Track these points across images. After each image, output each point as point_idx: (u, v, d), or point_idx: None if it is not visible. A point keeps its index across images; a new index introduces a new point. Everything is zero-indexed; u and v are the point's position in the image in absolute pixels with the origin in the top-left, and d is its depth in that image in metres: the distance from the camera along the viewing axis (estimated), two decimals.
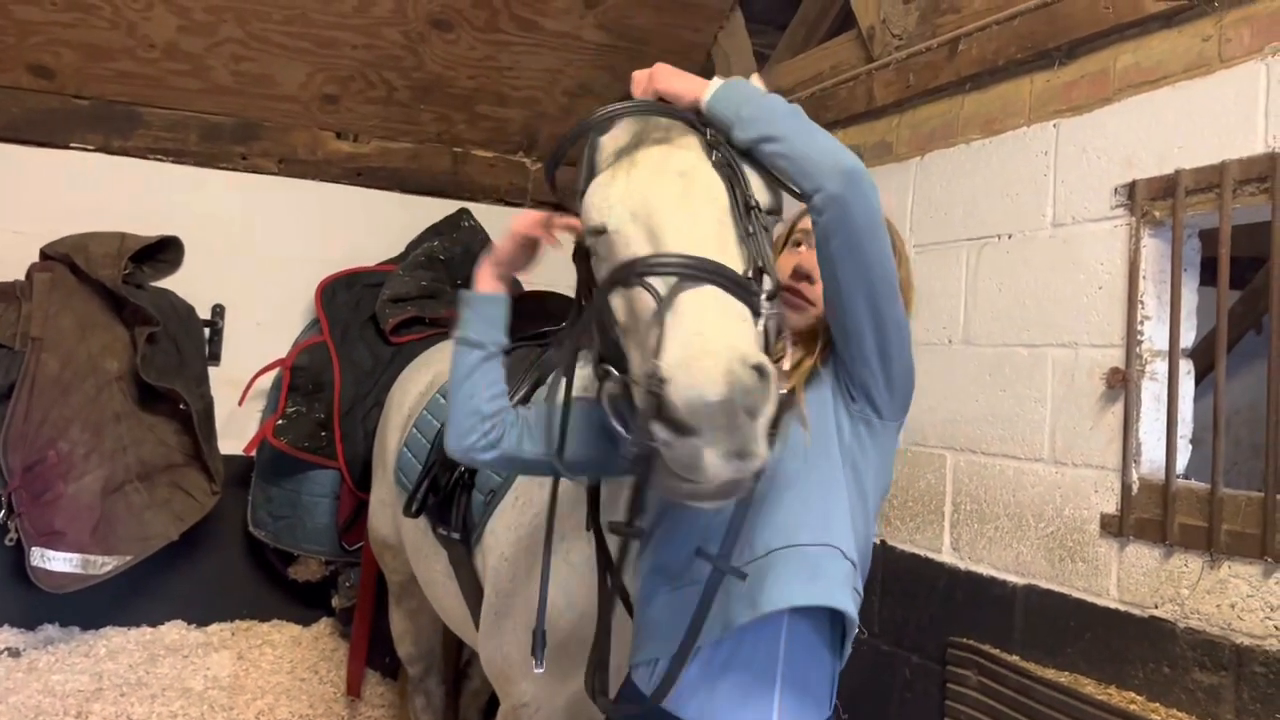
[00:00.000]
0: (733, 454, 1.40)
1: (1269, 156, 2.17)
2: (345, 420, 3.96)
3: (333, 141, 4.47)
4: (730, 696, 1.68)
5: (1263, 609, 2.11)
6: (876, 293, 1.64)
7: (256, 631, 4.16)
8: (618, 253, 1.61)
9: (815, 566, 1.66)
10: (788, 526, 1.68)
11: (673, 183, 1.63)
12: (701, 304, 1.47)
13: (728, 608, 1.66)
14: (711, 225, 1.60)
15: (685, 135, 1.70)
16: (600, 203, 1.66)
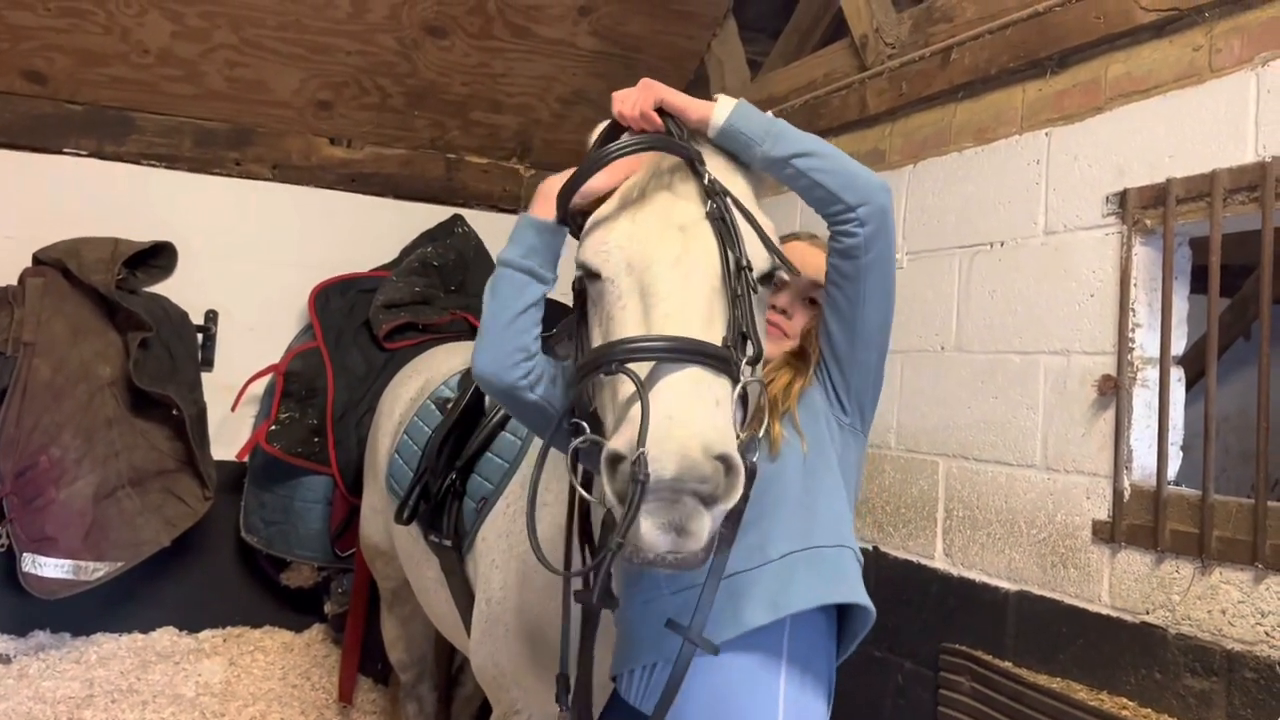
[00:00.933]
0: (669, 526, 1.41)
1: (1259, 165, 2.19)
2: (338, 426, 3.96)
3: (327, 147, 4.47)
4: (739, 680, 1.70)
5: (1254, 615, 2.12)
6: (890, 306, 1.77)
7: (248, 638, 4.16)
8: (609, 305, 1.62)
9: (836, 567, 1.74)
10: (802, 531, 1.74)
11: (672, 240, 1.62)
12: (675, 390, 1.47)
13: (739, 609, 1.69)
14: (703, 290, 1.59)
15: (690, 180, 1.68)
16: (599, 245, 1.65)
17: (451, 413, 2.78)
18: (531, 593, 2.28)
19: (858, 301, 1.75)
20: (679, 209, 1.66)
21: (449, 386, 3.00)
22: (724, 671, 1.70)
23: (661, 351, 1.50)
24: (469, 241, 4.41)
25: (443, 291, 4.25)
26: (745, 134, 1.69)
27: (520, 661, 2.34)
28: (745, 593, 1.69)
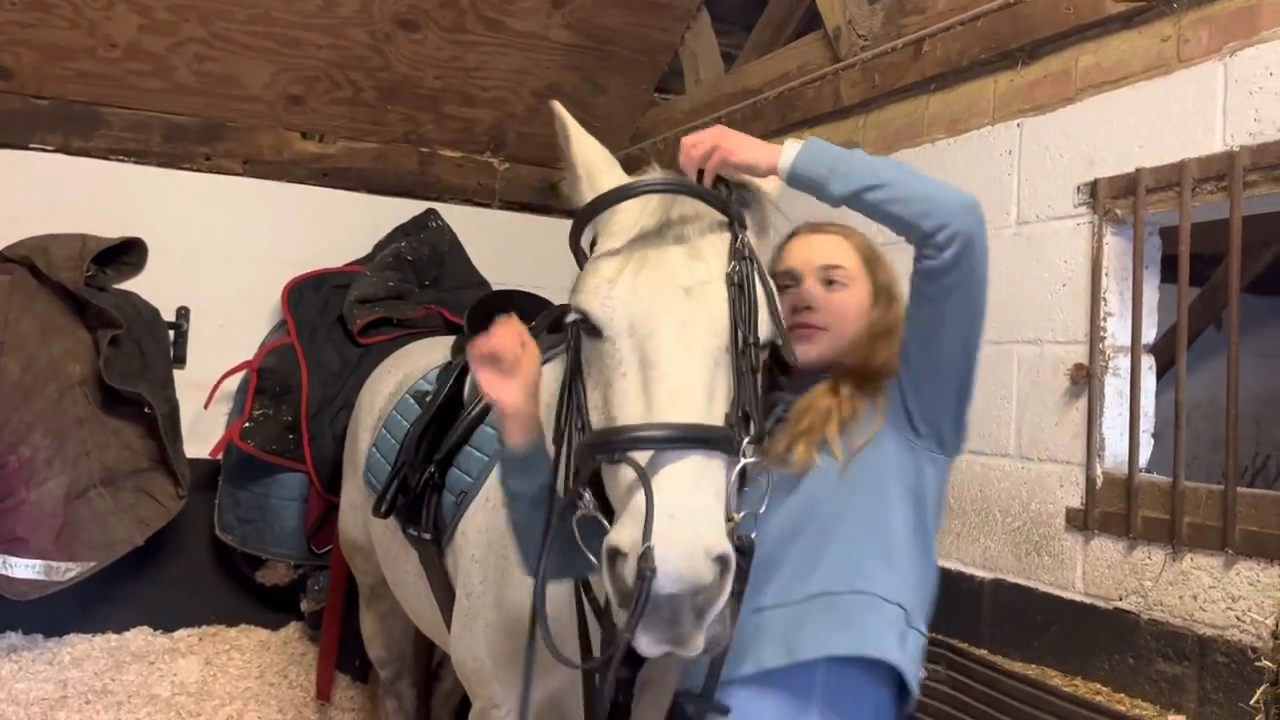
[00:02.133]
0: (665, 642, 1.43)
1: (1227, 155, 2.21)
2: (313, 422, 3.93)
3: (299, 142, 4.43)
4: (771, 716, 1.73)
5: (1224, 600, 2.15)
6: (976, 328, 1.68)
7: (224, 636, 4.12)
8: (608, 370, 1.59)
9: (848, 616, 1.71)
10: (826, 573, 1.74)
11: (678, 305, 1.57)
12: (677, 486, 1.45)
13: (759, 646, 1.72)
14: (706, 364, 1.56)
15: (707, 235, 1.65)
16: (603, 298, 1.60)
17: (430, 406, 2.77)
18: (511, 588, 2.27)
19: (939, 324, 1.68)
20: (687, 268, 1.61)
21: (428, 380, 2.98)
22: (756, 705, 1.73)
23: (664, 442, 1.47)
24: (443, 235, 4.39)
25: (417, 286, 4.22)
26: (811, 177, 1.64)
27: (500, 656, 2.33)
28: (768, 631, 1.72)
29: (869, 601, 1.72)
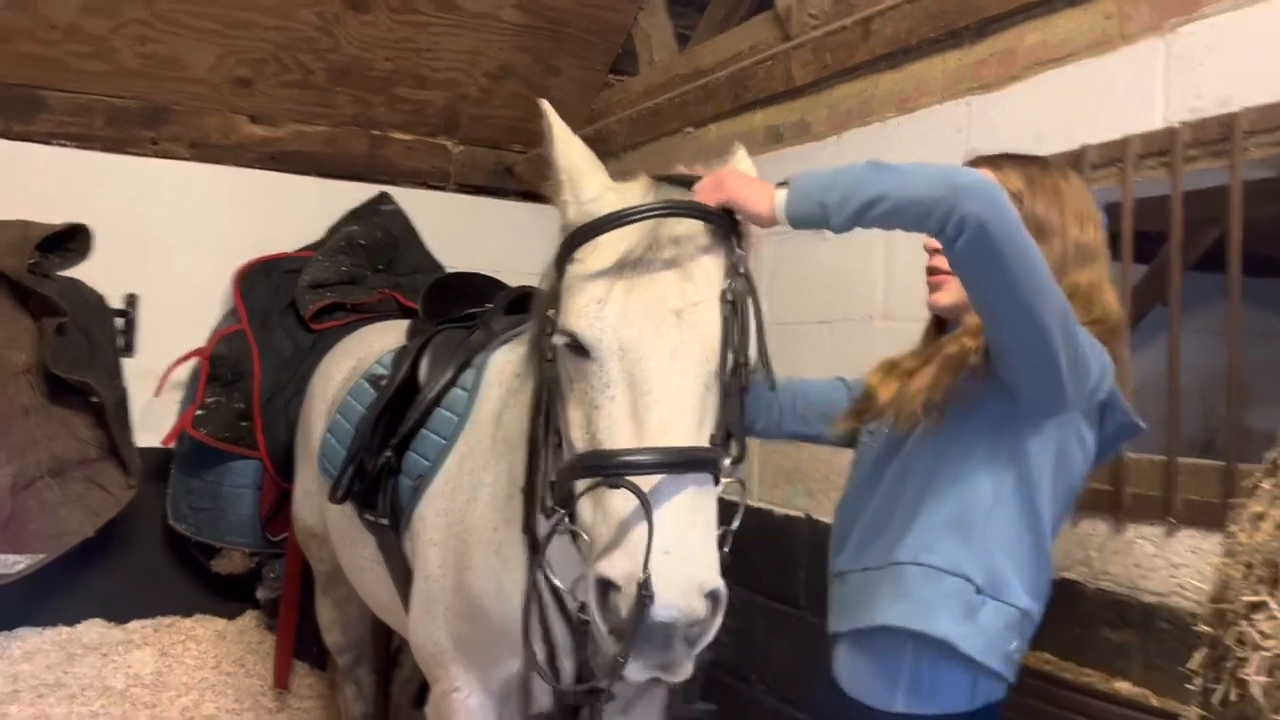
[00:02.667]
0: (655, 667, 1.46)
1: (1168, 131, 2.25)
2: (266, 409, 3.89)
3: (247, 125, 4.37)
4: (867, 679, 1.84)
5: (1166, 568, 2.19)
6: (1029, 298, 1.56)
7: (179, 627, 4.07)
8: (594, 392, 1.59)
9: (906, 587, 1.78)
10: (902, 541, 1.80)
11: (669, 329, 1.57)
12: (674, 520, 1.46)
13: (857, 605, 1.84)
14: (697, 390, 1.57)
15: (699, 256, 1.64)
16: (592, 319, 1.60)
17: (386, 389, 2.75)
18: (470, 571, 2.28)
19: (985, 304, 1.63)
20: (677, 290, 1.61)
21: (382, 365, 2.97)
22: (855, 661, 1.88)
23: (658, 467, 1.48)
24: (396, 219, 4.35)
25: (370, 271, 4.19)
26: (807, 219, 1.61)
27: (460, 639, 2.34)
28: (863, 592, 1.82)
29: (926, 574, 1.77)
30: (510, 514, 2.24)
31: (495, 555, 2.24)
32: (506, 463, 2.30)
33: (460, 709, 2.34)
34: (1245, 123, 2.09)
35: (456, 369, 2.61)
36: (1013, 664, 1.82)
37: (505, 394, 2.43)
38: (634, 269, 1.62)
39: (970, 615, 1.75)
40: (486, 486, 2.32)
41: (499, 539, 2.25)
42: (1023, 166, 1.91)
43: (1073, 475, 1.85)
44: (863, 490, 1.96)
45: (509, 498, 2.25)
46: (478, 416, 2.46)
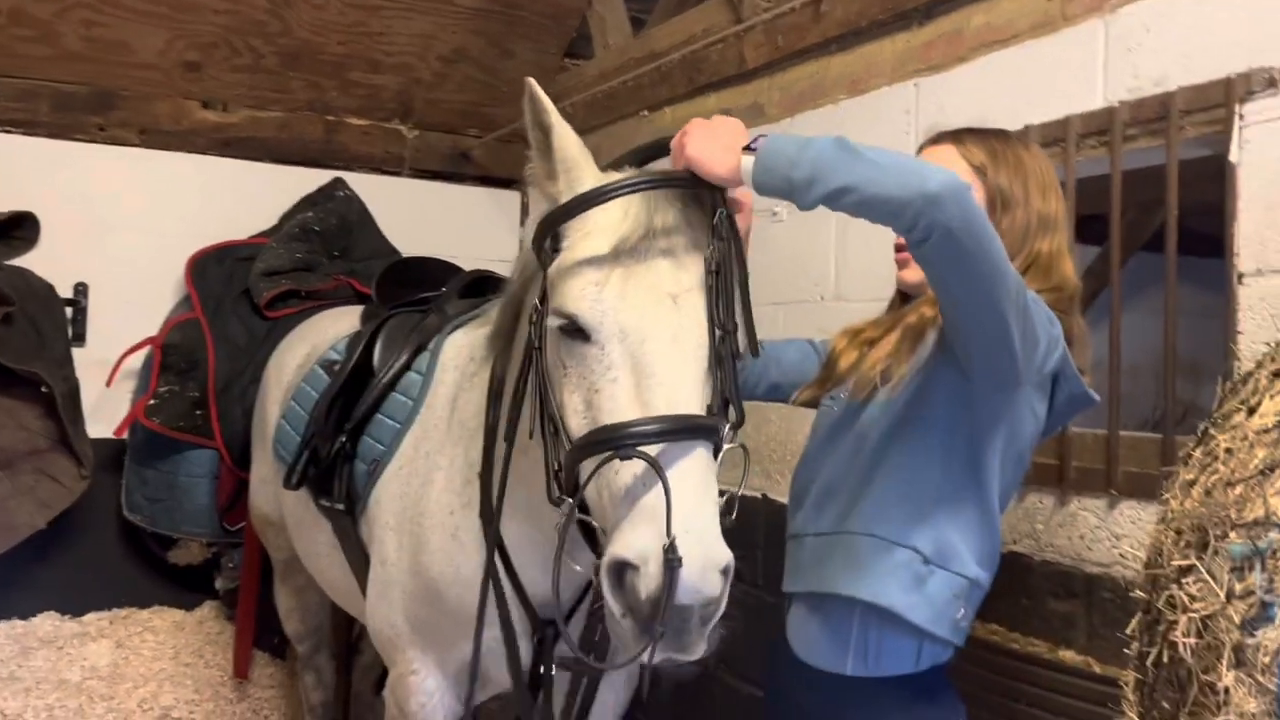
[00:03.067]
0: (671, 651, 1.47)
1: (1107, 111, 2.29)
2: (221, 398, 3.86)
3: (198, 111, 4.31)
4: (819, 641, 1.89)
5: (1109, 539, 2.24)
6: (994, 299, 1.59)
7: (136, 619, 4.03)
8: (594, 375, 1.59)
9: (857, 557, 1.82)
10: (856, 511, 1.84)
11: (667, 312, 1.59)
12: (685, 492, 1.46)
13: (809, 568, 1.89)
14: (699, 366, 1.59)
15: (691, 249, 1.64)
16: (591, 301, 1.60)
17: (339, 375, 2.74)
18: (427, 555, 2.29)
19: (946, 294, 1.67)
20: (672, 277, 1.62)
21: (336, 350, 2.96)
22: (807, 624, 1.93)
23: (665, 435, 1.49)
24: (351, 205, 4.32)
25: (326, 257, 4.16)
26: (774, 189, 1.59)
27: (417, 622, 2.35)
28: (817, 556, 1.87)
29: (876, 545, 1.81)
30: (467, 498, 2.25)
31: (452, 539, 2.25)
32: (463, 447, 2.30)
33: (418, 691, 2.35)
34: (1181, 101, 2.13)
35: (411, 353, 2.61)
36: (960, 631, 1.87)
37: (461, 378, 2.43)
38: (630, 255, 1.62)
39: (918, 585, 1.80)
40: (442, 470, 2.33)
41: (455, 523, 2.26)
42: (985, 140, 1.96)
43: (1022, 445, 1.89)
44: (819, 454, 2.00)
45: (466, 482, 2.26)
46: (432, 400, 2.46)
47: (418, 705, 2.35)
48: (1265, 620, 1.31)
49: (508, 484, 2.13)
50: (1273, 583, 1.32)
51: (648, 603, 1.41)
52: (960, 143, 1.95)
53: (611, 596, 1.46)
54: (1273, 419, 1.45)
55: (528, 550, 2.17)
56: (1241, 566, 1.36)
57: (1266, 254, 2.01)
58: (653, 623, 1.41)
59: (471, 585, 2.22)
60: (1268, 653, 1.29)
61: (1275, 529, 1.33)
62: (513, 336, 2.09)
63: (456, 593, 2.24)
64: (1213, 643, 1.36)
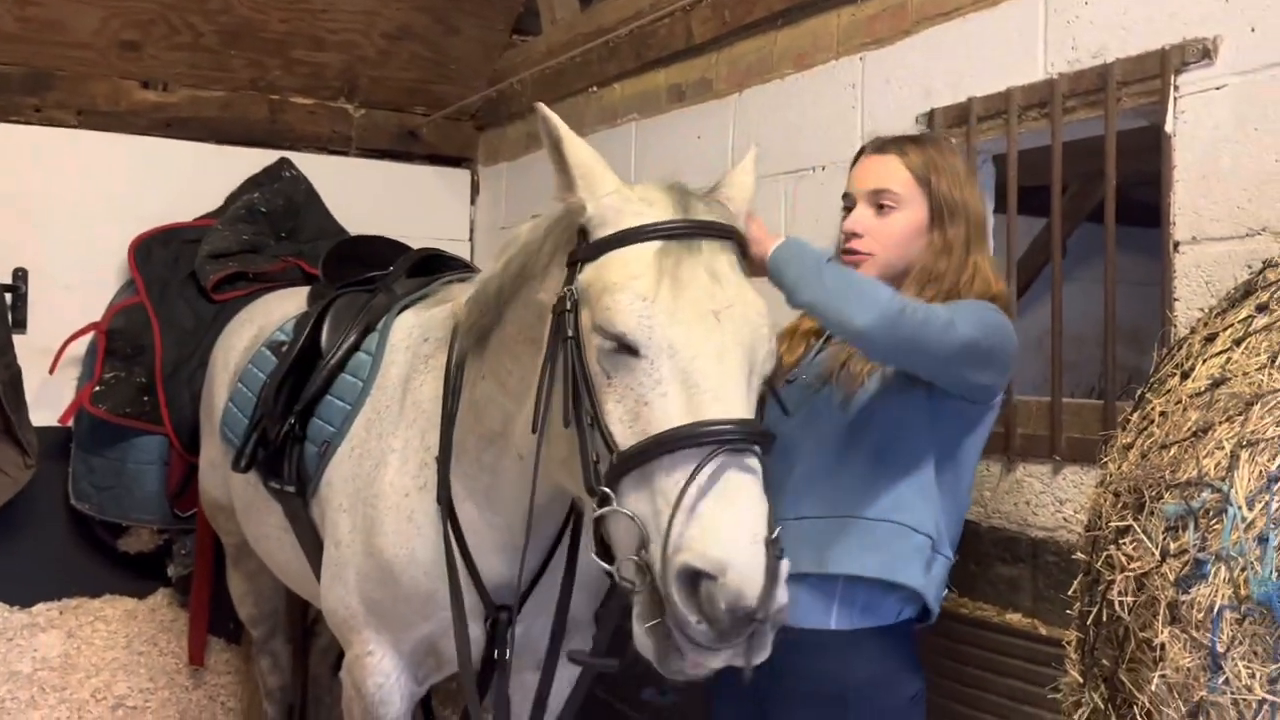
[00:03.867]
0: (740, 657, 1.49)
1: (1048, 83, 2.32)
2: (169, 383, 3.80)
3: (137, 91, 4.21)
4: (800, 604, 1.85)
5: (1053, 504, 2.29)
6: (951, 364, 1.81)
7: (87, 608, 3.97)
8: (643, 389, 1.61)
9: (880, 542, 1.89)
10: (865, 497, 1.91)
11: (713, 329, 1.63)
12: (753, 498, 1.52)
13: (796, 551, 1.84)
14: (744, 388, 1.64)
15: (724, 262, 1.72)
16: (640, 317, 1.62)
17: (287, 355, 2.72)
18: (382, 537, 2.28)
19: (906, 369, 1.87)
20: (709, 293, 1.66)
21: (284, 331, 2.93)
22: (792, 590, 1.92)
23: (744, 437, 1.55)
24: (298, 186, 4.25)
25: (273, 239, 4.10)
26: (778, 282, 1.82)
27: (372, 603, 2.34)
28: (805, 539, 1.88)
29: (899, 531, 1.90)
30: (423, 480, 2.25)
31: (407, 521, 2.25)
32: (418, 429, 2.30)
33: (374, 672, 2.35)
34: (1118, 73, 2.17)
35: (359, 333, 2.59)
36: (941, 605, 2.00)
37: (413, 359, 2.42)
38: (673, 275, 1.66)
39: (928, 569, 1.92)
40: (396, 452, 2.32)
41: (411, 505, 2.26)
42: (923, 149, 2.06)
43: (983, 434, 2.03)
44: (791, 440, 2.00)
45: (422, 464, 2.26)
46: (383, 381, 2.45)
47: (375, 686, 2.35)
48: (1199, 577, 1.35)
49: (468, 471, 2.16)
50: (1206, 541, 1.36)
51: (727, 613, 1.42)
52: (903, 153, 2.05)
53: (684, 604, 1.46)
54: (1205, 382, 1.49)
55: (484, 534, 2.18)
56: (1176, 526, 1.40)
57: (1201, 223, 2.06)
58: (733, 632, 1.44)
59: (426, 567, 2.23)
60: (1201, 609, 1.33)
61: (1208, 489, 1.37)
62: (491, 330, 2.10)
63: (411, 575, 2.24)
64: (1149, 600, 1.41)
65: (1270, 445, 1.33)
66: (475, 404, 2.15)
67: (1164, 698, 1.36)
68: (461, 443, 2.19)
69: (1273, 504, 1.29)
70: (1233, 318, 1.57)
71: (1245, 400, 1.39)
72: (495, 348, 2.08)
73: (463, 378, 2.21)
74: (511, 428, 2.06)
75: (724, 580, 1.42)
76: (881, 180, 2.00)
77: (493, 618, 2.23)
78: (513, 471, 2.09)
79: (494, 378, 2.09)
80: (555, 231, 1.92)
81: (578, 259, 1.77)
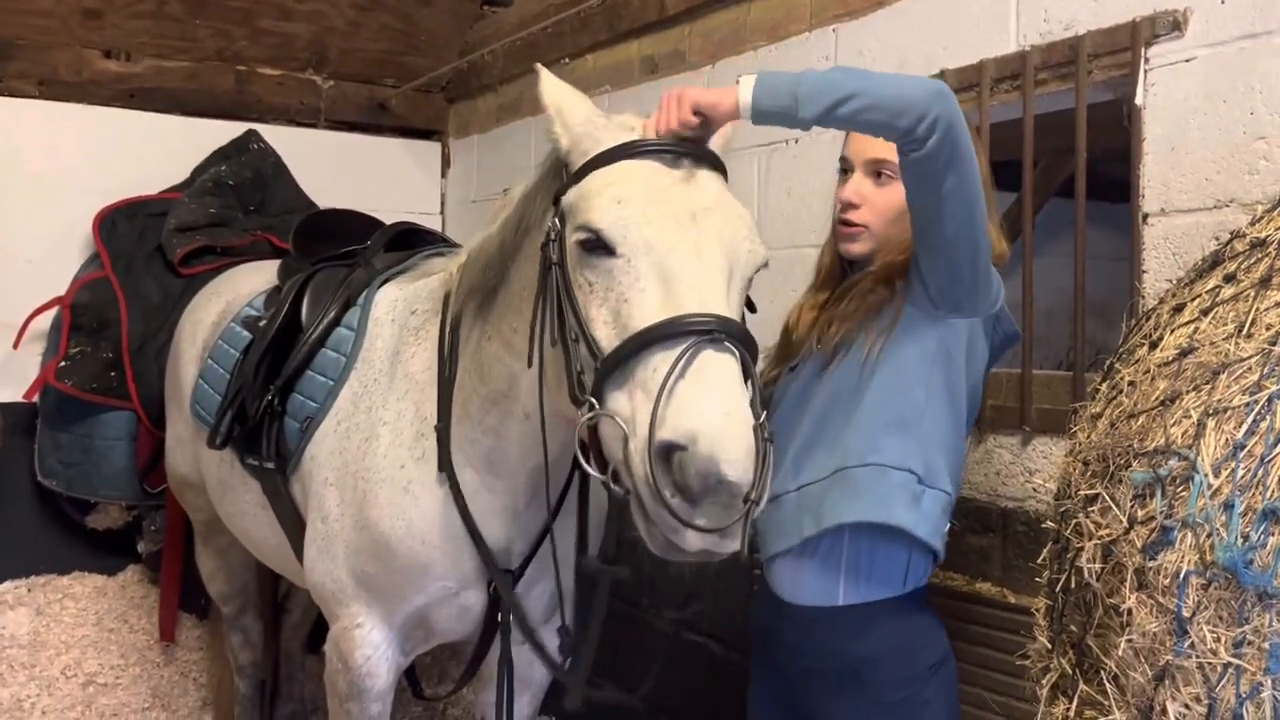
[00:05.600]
0: (712, 535, 1.49)
1: (1020, 55, 2.32)
2: (137, 358, 3.75)
3: (100, 60, 4.13)
4: (809, 581, 1.95)
5: (1023, 474, 2.31)
6: (974, 200, 1.72)
7: (56, 585, 3.93)
8: (623, 287, 1.64)
9: (859, 486, 1.88)
10: (845, 449, 1.89)
11: (689, 227, 1.65)
12: (727, 378, 1.53)
13: (799, 520, 1.91)
14: (723, 284, 1.64)
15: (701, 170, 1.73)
16: (616, 216, 1.64)
17: (266, 330, 2.69)
18: (376, 510, 2.27)
19: (938, 207, 1.73)
20: (691, 194, 1.68)
21: (254, 306, 2.89)
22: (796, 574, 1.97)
23: (719, 332, 1.55)
24: (266, 158, 4.20)
25: (241, 212, 4.04)
26: (775, 109, 1.69)
27: (363, 577, 2.33)
28: (804, 506, 1.91)
29: (876, 472, 1.88)
30: (419, 452, 2.24)
31: (404, 493, 2.25)
32: (411, 400, 2.29)
33: (363, 644, 2.35)
34: (1089, 45, 2.17)
35: (340, 308, 2.57)
36: (944, 542, 1.97)
37: (401, 331, 2.41)
38: (649, 176, 1.70)
39: (916, 503, 1.89)
40: (388, 425, 2.31)
41: (408, 476, 2.25)
42: None
43: (976, 377, 2.02)
44: (789, 421, 2.01)
45: (417, 435, 2.26)
46: (368, 355, 2.44)
47: (363, 658, 2.35)
48: (1165, 544, 1.37)
49: (470, 435, 2.16)
50: (1172, 508, 1.37)
51: (697, 477, 1.44)
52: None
53: (661, 477, 1.48)
54: (1173, 352, 1.51)
55: (485, 499, 2.19)
56: (1143, 494, 1.42)
57: (1170, 195, 2.07)
58: (703, 499, 1.45)
59: (423, 538, 2.23)
60: (1167, 575, 1.35)
61: (1174, 457, 1.39)
62: (497, 290, 2.10)
63: (408, 546, 2.24)
64: (1116, 567, 1.43)
65: (1236, 414, 1.35)
66: (480, 366, 2.14)
67: (1130, 662, 1.38)
68: (463, 407, 2.19)
69: (1238, 471, 1.31)
70: (1200, 288, 1.59)
71: (1212, 369, 1.41)
72: (501, 307, 2.08)
73: (459, 343, 2.20)
74: (517, 387, 2.06)
75: (694, 449, 1.45)
76: (882, 149, 1.92)
77: (495, 582, 2.23)
78: (518, 431, 2.10)
79: (499, 338, 2.09)
80: (546, 177, 1.93)
81: (561, 193, 1.80)
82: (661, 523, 1.50)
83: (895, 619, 1.94)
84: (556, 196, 1.82)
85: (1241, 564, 1.27)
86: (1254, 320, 1.43)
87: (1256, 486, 1.29)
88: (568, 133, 1.82)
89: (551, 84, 1.86)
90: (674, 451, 1.47)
